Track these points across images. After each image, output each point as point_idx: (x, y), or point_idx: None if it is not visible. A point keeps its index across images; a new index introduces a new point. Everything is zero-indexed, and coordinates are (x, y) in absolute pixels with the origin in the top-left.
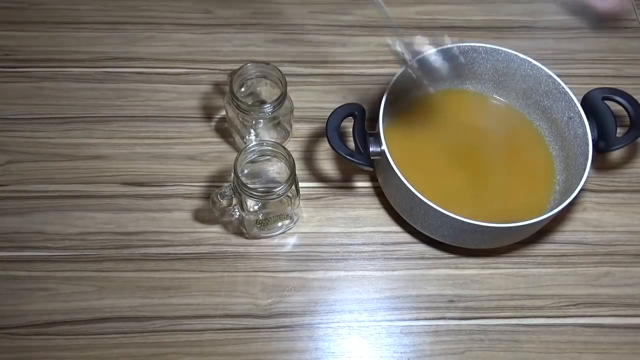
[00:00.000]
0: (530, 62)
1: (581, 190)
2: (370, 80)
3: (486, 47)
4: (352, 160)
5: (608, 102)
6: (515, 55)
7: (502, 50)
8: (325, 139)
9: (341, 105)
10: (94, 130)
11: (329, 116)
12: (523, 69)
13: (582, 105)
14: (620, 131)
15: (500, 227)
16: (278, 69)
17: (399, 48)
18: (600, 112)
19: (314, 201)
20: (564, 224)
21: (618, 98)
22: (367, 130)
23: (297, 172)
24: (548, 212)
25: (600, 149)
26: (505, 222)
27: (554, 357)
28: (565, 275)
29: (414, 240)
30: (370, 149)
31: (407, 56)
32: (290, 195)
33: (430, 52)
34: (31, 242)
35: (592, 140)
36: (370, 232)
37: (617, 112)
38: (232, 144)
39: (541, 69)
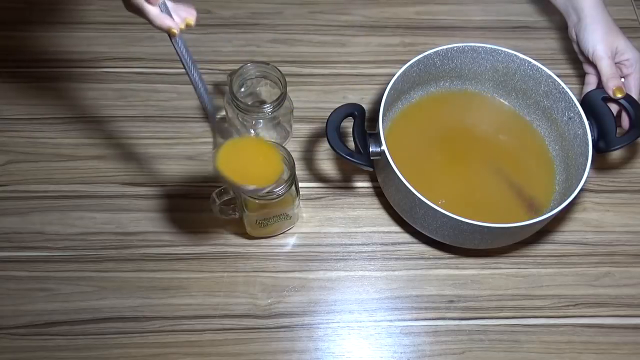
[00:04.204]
0: (530, 62)
1: (581, 190)
2: (370, 80)
3: (486, 47)
4: (352, 161)
5: (608, 103)
6: (515, 55)
7: (502, 50)
8: (325, 139)
9: (341, 105)
10: (94, 130)
11: (329, 116)
12: (523, 69)
13: (582, 105)
14: (620, 131)
15: (500, 227)
16: (278, 69)
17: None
18: (600, 113)
19: (314, 201)
20: (564, 224)
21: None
22: (367, 131)
23: (297, 172)
24: (548, 212)
25: (600, 149)
26: (505, 222)
27: (554, 357)
28: (565, 275)
29: (414, 240)
30: (370, 149)
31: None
32: (290, 195)
33: None
34: (31, 242)
35: (592, 141)
36: (370, 232)
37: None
38: None
39: (541, 69)
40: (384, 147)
